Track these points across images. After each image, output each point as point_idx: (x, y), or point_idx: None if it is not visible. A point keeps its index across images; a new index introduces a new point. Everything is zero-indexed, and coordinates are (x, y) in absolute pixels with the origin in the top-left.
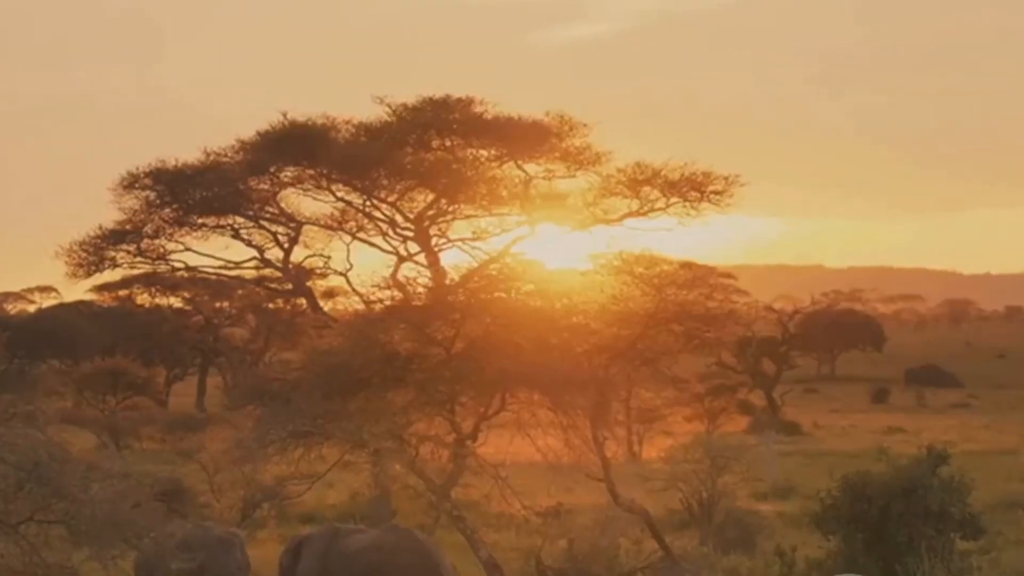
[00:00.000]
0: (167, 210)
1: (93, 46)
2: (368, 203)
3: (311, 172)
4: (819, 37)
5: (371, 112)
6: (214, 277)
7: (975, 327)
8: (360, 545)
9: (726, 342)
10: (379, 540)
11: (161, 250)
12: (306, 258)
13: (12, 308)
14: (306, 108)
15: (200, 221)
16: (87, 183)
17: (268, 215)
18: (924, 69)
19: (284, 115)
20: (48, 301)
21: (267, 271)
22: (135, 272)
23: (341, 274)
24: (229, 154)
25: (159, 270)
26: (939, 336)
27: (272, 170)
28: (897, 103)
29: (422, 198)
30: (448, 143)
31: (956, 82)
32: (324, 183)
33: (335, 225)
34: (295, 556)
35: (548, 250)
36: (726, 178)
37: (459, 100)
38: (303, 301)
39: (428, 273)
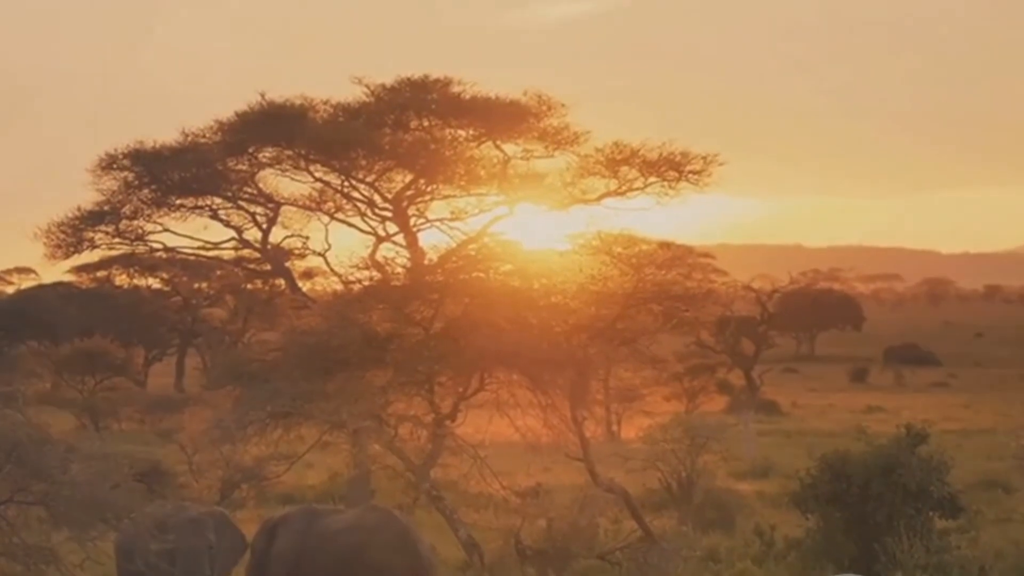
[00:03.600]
0: (145, 191)
1: (69, 26)
2: (346, 183)
3: (289, 153)
4: (800, 15)
5: (349, 93)
6: (193, 258)
7: (953, 306)
8: (339, 526)
9: (705, 322)
10: (358, 520)
11: (139, 231)
12: (284, 239)
13: None
14: (284, 88)
15: (178, 202)
16: (65, 164)
17: (246, 196)
18: (903, 48)
19: (262, 95)
20: (26, 282)
21: (246, 252)
22: (113, 253)
23: (320, 254)
24: (207, 135)
25: (138, 251)
26: (918, 315)
27: (250, 151)
28: (876, 83)
29: (400, 178)
30: (426, 123)
31: (935, 61)
32: (302, 164)
33: (313, 206)
34: (270, 537)
35: (526, 230)
36: (704, 158)
37: (437, 80)
38: (282, 281)
39: (407, 253)
